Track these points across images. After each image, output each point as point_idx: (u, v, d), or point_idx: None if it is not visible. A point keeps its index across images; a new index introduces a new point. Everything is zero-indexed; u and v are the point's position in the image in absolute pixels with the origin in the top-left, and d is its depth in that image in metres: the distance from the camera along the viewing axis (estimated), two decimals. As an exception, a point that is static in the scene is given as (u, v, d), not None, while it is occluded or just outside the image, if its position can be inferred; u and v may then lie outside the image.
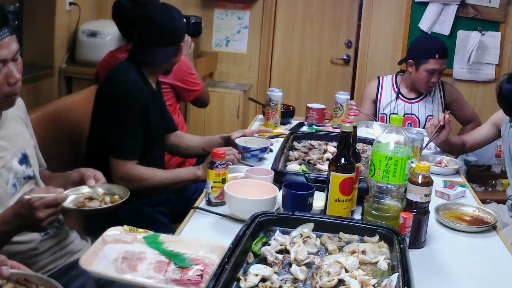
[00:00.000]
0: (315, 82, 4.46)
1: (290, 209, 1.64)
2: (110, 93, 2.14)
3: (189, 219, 1.75)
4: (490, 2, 3.89)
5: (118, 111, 2.10)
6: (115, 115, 2.10)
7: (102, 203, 1.59)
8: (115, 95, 2.12)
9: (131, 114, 2.09)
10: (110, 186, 1.68)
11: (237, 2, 4.29)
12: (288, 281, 1.27)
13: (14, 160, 1.59)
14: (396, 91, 3.15)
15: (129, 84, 2.11)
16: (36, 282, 1.20)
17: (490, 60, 3.96)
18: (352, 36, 4.36)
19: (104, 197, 1.62)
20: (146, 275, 1.28)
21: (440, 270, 1.53)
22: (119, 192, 1.66)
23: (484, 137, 2.76)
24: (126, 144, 2.09)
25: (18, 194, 1.58)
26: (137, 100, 2.10)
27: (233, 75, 4.41)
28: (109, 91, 2.15)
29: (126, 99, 2.09)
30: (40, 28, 3.66)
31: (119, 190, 1.67)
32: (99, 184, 1.66)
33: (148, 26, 2.17)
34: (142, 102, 2.11)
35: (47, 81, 3.68)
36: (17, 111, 1.67)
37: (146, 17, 2.18)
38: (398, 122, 1.61)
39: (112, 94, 2.13)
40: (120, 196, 1.64)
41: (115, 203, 1.60)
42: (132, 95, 2.09)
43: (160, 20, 2.16)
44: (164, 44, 2.17)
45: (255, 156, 2.26)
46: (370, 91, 3.24)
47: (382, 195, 1.63)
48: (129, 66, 2.18)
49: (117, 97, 2.11)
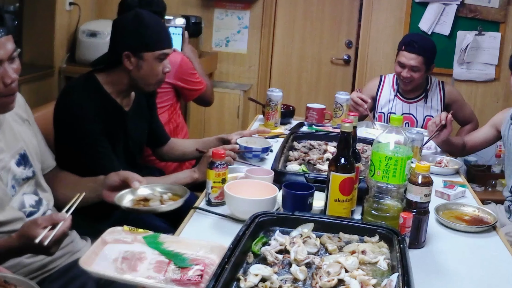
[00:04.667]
0: (315, 82, 4.46)
1: (290, 209, 1.64)
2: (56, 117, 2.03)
3: (189, 219, 1.75)
4: (490, 2, 3.89)
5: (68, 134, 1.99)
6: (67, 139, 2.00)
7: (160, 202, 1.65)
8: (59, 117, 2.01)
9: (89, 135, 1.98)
10: (170, 187, 1.74)
11: (237, 2, 4.30)
12: (288, 281, 1.27)
13: (12, 162, 1.58)
14: (395, 90, 3.16)
15: (72, 99, 1.99)
16: (15, 283, 1.19)
17: (490, 60, 3.96)
18: (352, 36, 4.36)
19: (162, 196, 1.68)
20: (146, 275, 1.28)
21: (440, 270, 1.53)
22: (179, 191, 1.70)
23: (483, 139, 2.76)
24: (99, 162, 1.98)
25: (17, 195, 1.58)
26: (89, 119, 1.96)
27: (233, 75, 4.42)
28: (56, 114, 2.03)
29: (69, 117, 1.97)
30: (40, 28, 3.66)
31: (179, 189, 1.72)
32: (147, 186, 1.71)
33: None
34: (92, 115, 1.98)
35: (47, 81, 3.68)
36: (17, 110, 1.66)
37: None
38: (398, 122, 1.61)
39: (58, 118, 2.02)
40: (180, 194, 1.68)
41: (176, 202, 1.64)
42: (72, 110, 1.96)
43: (117, 23, 2.08)
44: (109, 47, 2.07)
45: (256, 156, 2.27)
46: (371, 88, 3.24)
47: (382, 195, 1.63)
48: (81, 82, 2.05)
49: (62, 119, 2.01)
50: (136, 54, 2.00)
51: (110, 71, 2.06)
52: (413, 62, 2.96)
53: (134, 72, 2.03)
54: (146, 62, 2.02)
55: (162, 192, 1.71)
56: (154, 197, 1.68)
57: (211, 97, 3.14)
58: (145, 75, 2.04)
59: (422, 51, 2.97)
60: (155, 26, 2.03)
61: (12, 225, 1.53)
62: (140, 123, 2.25)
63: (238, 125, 4.09)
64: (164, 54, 2.04)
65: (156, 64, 2.03)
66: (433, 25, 3.98)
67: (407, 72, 2.99)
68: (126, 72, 2.03)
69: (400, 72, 3.01)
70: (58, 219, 1.40)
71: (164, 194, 1.70)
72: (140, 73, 2.03)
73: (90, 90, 2.02)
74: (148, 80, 2.06)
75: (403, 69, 3.00)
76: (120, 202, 1.62)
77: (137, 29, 2.00)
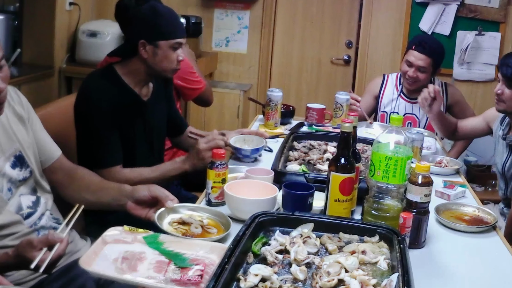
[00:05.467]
0: (315, 82, 4.46)
1: (290, 209, 1.63)
2: (75, 106, 2.11)
3: (189, 219, 1.74)
4: (490, 2, 3.89)
5: (81, 122, 2.07)
6: (80, 127, 2.08)
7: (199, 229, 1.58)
8: (77, 107, 2.09)
9: (93, 121, 2.04)
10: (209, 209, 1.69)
11: (237, 2, 4.30)
12: (288, 281, 1.27)
13: (7, 165, 1.56)
14: (398, 89, 3.15)
15: (90, 90, 2.06)
16: None
17: (490, 60, 3.97)
18: (352, 37, 4.36)
19: (203, 221, 1.63)
20: (146, 275, 1.28)
21: (440, 270, 1.53)
22: (218, 215, 1.65)
23: (471, 128, 2.81)
24: (100, 153, 2.04)
25: (14, 197, 1.57)
26: (98, 105, 2.03)
27: (233, 75, 4.42)
28: (75, 104, 2.11)
29: (86, 106, 2.05)
30: (40, 28, 3.66)
31: (218, 213, 1.67)
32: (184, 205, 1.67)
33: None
34: (108, 106, 2.04)
35: (47, 81, 3.69)
36: (14, 107, 1.64)
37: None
38: (398, 122, 1.61)
39: (76, 107, 2.10)
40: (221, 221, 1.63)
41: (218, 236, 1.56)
42: (91, 100, 2.04)
43: (132, 14, 2.15)
44: (125, 38, 2.16)
45: (247, 156, 2.25)
46: (373, 87, 3.24)
47: (382, 195, 1.63)
48: (100, 73, 2.14)
49: (79, 108, 2.08)
50: (151, 42, 2.06)
51: (127, 62, 2.13)
52: (421, 63, 2.95)
53: (150, 59, 2.08)
54: (161, 50, 2.08)
55: (200, 215, 1.66)
56: (193, 222, 1.60)
57: (210, 97, 3.14)
58: (160, 62, 2.10)
59: (431, 53, 2.96)
60: (169, 16, 2.11)
61: (10, 228, 1.52)
62: (159, 113, 2.29)
63: (238, 125, 4.09)
64: (178, 43, 2.10)
65: (170, 52, 2.10)
66: (433, 25, 3.98)
67: (413, 71, 2.98)
68: (142, 60, 2.09)
69: (406, 71, 3.01)
70: (54, 241, 1.37)
71: (204, 219, 1.64)
72: (156, 60, 2.09)
73: (110, 81, 2.09)
74: (164, 66, 2.11)
75: (410, 68, 2.99)
76: (160, 223, 1.57)
77: (152, 19, 2.06)
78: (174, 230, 1.55)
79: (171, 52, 2.10)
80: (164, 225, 1.56)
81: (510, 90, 2.35)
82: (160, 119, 2.32)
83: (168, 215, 1.62)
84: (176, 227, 1.57)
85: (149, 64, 2.10)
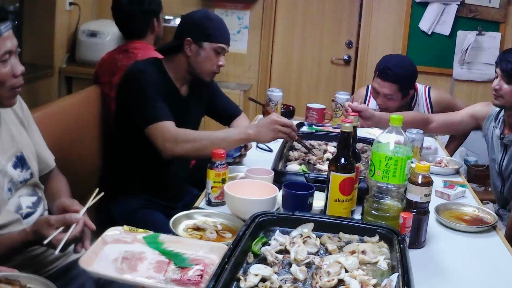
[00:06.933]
0: (315, 82, 4.46)
1: (290, 209, 1.63)
2: (120, 85, 2.23)
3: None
4: (490, 2, 3.89)
5: (136, 89, 2.14)
6: (134, 94, 2.14)
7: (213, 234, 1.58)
8: (124, 84, 2.21)
9: (148, 86, 2.12)
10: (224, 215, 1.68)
11: (237, 2, 4.30)
12: (288, 281, 1.27)
13: (9, 165, 1.57)
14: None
15: (142, 66, 2.20)
16: (19, 279, 1.21)
17: (490, 60, 3.96)
18: (352, 37, 4.36)
19: (217, 226, 1.62)
20: (146, 275, 1.28)
21: (440, 270, 1.53)
22: (236, 223, 1.64)
23: (457, 122, 2.67)
24: (156, 109, 2.10)
25: (13, 198, 1.57)
26: (151, 78, 2.14)
27: (233, 75, 4.41)
28: (126, 77, 2.22)
29: (140, 77, 2.14)
30: (40, 28, 3.66)
31: (232, 218, 1.66)
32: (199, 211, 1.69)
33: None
34: (157, 83, 2.15)
35: (47, 81, 3.69)
36: (16, 110, 1.65)
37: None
38: (398, 122, 1.61)
39: (122, 85, 2.22)
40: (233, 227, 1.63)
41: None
42: (145, 73, 2.14)
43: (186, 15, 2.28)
44: (174, 36, 2.25)
45: (230, 156, 2.16)
46: (359, 97, 3.12)
47: (382, 195, 1.63)
48: (147, 62, 2.25)
49: (127, 85, 2.19)
50: (197, 42, 2.18)
51: (172, 57, 2.24)
52: (386, 90, 2.77)
53: (193, 58, 2.19)
54: (205, 51, 2.18)
55: (214, 220, 1.66)
56: (208, 227, 1.60)
57: None
58: (202, 63, 2.20)
59: (396, 79, 2.74)
60: (218, 22, 2.24)
61: (8, 228, 1.52)
62: (194, 110, 2.38)
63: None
64: (221, 47, 2.21)
65: (212, 55, 2.20)
66: (433, 25, 3.98)
67: (381, 100, 2.81)
68: (185, 58, 2.20)
69: (375, 98, 2.86)
70: (70, 221, 1.42)
71: (218, 224, 1.64)
72: (198, 59, 2.19)
73: (157, 69, 2.21)
74: (204, 68, 2.22)
75: (377, 96, 2.84)
76: (175, 229, 1.57)
77: (202, 21, 2.19)
78: (190, 236, 1.55)
79: (213, 55, 2.20)
80: (179, 231, 1.57)
81: (509, 85, 2.35)
82: (194, 117, 2.39)
83: (183, 222, 1.63)
84: (191, 233, 1.58)
85: (191, 62, 2.20)
